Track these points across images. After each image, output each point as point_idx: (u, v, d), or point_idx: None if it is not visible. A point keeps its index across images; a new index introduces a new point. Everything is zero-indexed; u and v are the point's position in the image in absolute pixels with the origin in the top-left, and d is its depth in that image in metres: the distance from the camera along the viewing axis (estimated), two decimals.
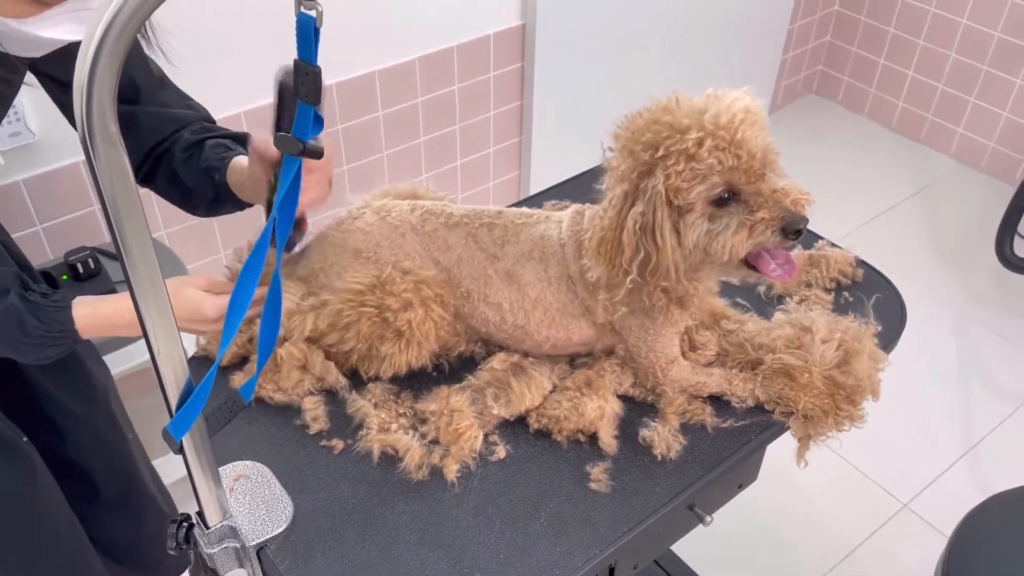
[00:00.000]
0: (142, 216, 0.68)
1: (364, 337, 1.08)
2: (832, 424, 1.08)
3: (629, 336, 1.08)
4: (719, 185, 0.94)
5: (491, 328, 1.12)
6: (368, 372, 1.12)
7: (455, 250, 1.11)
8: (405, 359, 1.10)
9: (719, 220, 0.95)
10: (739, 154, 0.92)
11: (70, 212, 1.95)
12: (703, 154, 0.92)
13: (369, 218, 1.13)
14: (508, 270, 1.09)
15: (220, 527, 0.95)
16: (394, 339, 1.08)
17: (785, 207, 0.94)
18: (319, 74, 0.74)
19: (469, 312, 1.12)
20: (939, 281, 2.76)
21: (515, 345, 1.13)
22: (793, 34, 3.30)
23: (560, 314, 1.09)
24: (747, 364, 1.12)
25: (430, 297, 1.08)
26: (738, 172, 0.93)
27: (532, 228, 1.10)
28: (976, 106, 3.12)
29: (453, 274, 1.11)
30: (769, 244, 0.96)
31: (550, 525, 0.98)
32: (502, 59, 2.43)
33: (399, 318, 1.07)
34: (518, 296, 1.09)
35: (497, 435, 1.07)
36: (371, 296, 1.07)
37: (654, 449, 1.05)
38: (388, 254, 1.11)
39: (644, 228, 0.96)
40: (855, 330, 1.14)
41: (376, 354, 1.09)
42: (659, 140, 0.94)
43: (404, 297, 1.07)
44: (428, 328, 1.08)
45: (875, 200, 3.07)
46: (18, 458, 1.23)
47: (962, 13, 3.02)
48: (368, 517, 0.99)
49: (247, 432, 1.08)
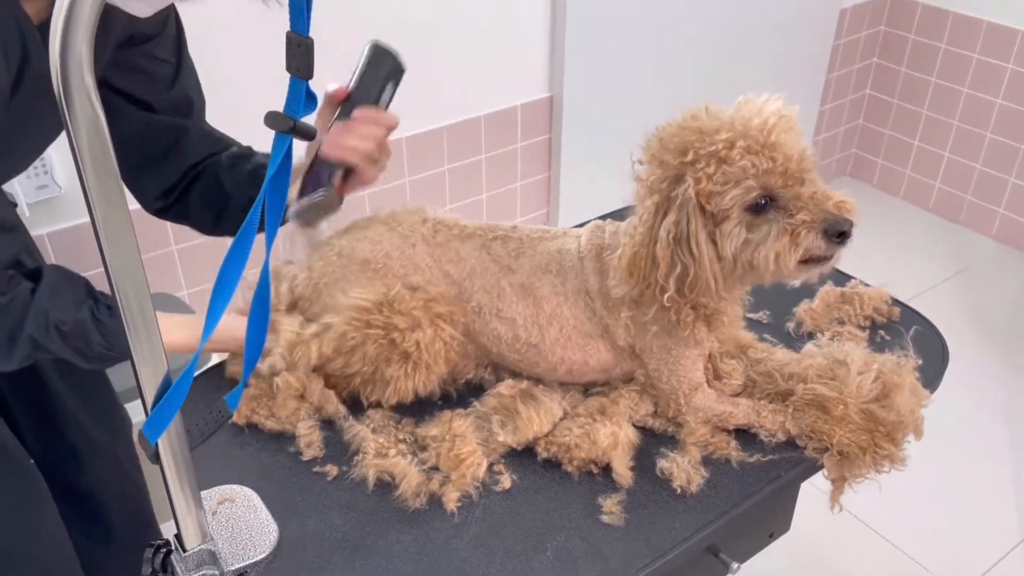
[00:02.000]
0: (115, 173, 0.64)
1: (370, 360, 1.02)
2: (870, 463, 0.99)
3: (650, 359, 1.01)
4: (754, 189, 0.88)
5: (503, 348, 1.05)
6: (371, 398, 1.05)
7: (467, 262, 1.05)
8: (412, 384, 1.03)
9: (757, 229, 0.89)
10: (774, 156, 0.87)
11: (94, 267, 1.95)
12: (734, 156, 0.87)
13: (378, 228, 1.08)
14: (523, 283, 1.03)
15: (199, 551, 0.87)
16: (400, 361, 1.02)
17: (827, 209, 0.88)
18: (312, 46, 0.72)
19: (480, 329, 1.05)
20: (986, 362, 2.64)
21: (527, 369, 1.06)
22: (824, 116, 3.30)
23: (576, 332, 1.02)
24: (776, 395, 1.04)
25: (440, 315, 1.02)
26: (774, 176, 0.88)
27: (549, 242, 1.05)
28: (1016, 186, 3.06)
29: (464, 287, 1.05)
30: (814, 249, 0.89)
31: (557, 559, 0.89)
32: (529, 130, 2.44)
33: (407, 338, 1.01)
34: (533, 311, 1.03)
35: (502, 464, 0.99)
36: (378, 315, 1.02)
37: (673, 482, 0.96)
38: (397, 266, 1.05)
39: (678, 239, 0.90)
40: (894, 363, 1.06)
41: (381, 378, 1.03)
42: (688, 144, 0.90)
43: (413, 316, 1.01)
44: (437, 349, 1.02)
45: (914, 281, 2.98)
46: (24, 480, 1.17)
47: (996, 93, 2.99)
48: (359, 546, 0.91)
49: (236, 456, 1.02)
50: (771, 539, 1.13)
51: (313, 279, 1.08)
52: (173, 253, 2.02)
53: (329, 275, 1.07)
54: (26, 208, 1.78)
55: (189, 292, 2.06)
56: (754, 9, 2.71)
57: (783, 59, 2.91)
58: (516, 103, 2.37)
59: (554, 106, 2.44)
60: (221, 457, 1.02)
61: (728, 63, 2.75)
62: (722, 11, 2.63)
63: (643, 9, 2.44)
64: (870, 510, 2.11)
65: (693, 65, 2.66)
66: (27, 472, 1.19)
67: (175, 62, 1.12)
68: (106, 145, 0.64)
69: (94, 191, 0.64)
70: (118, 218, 0.67)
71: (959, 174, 3.21)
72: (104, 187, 0.64)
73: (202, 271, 2.08)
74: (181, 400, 0.76)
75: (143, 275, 0.70)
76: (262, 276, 0.81)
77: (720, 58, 2.72)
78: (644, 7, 2.44)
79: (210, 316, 0.76)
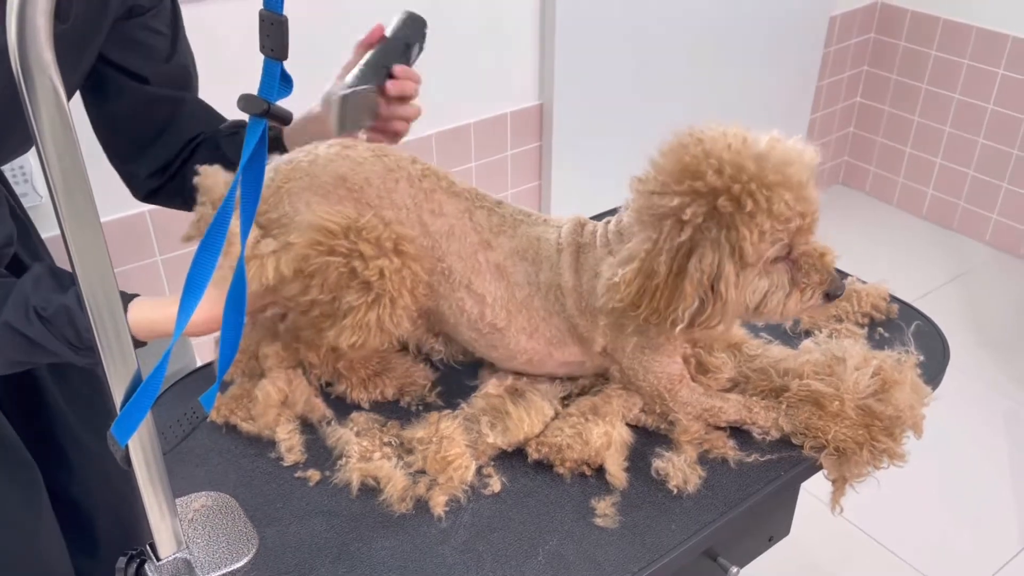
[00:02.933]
0: (77, 149, 0.61)
1: (328, 287, 0.94)
2: (868, 459, 0.95)
3: (623, 358, 0.98)
4: (785, 246, 0.88)
5: (462, 321, 1.00)
6: (334, 341, 0.96)
7: (448, 219, 0.98)
8: (375, 316, 0.94)
9: (768, 278, 0.90)
10: (804, 213, 0.86)
11: None
12: (786, 213, 0.84)
13: (363, 151, 0.99)
14: (499, 263, 0.99)
15: (173, 560, 0.84)
16: (361, 291, 0.94)
17: (831, 272, 0.91)
18: (286, 23, 0.69)
19: (445, 294, 0.99)
20: (984, 368, 2.61)
21: (482, 350, 1.02)
22: (815, 124, 3.29)
23: (545, 325, 0.98)
24: (771, 392, 1.00)
25: (409, 254, 0.95)
26: (801, 232, 0.88)
27: (530, 227, 1.00)
28: (1009, 191, 3.05)
29: (439, 246, 0.98)
30: (814, 307, 0.93)
31: (548, 564, 0.86)
32: (519, 138, 2.42)
33: (370, 266, 0.93)
34: (505, 294, 0.98)
35: (492, 467, 0.96)
36: (343, 241, 0.93)
37: (669, 482, 0.93)
38: (374, 195, 0.96)
39: (711, 279, 0.86)
40: (895, 359, 1.03)
41: (340, 309, 0.95)
42: (727, 184, 0.83)
43: (381, 246, 0.93)
44: (403, 278, 0.94)
45: (909, 288, 2.96)
46: (26, 479, 1.14)
47: (988, 99, 2.99)
48: (342, 552, 0.87)
49: (214, 462, 0.98)
50: (770, 543, 1.10)
51: (276, 181, 0.97)
52: (157, 263, 1.98)
53: (296, 182, 0.96)
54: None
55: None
56: (744, 17, 2.70)
57: (773, 67, 2.90)
58: (506, 111, 2.35)
59: (544, 114, 2.42)
60: (198, 462, 0.98)
61: (718, 71, 2.74)
62: (712, 19, 2.62)
63: (633, 17, 2.43)
64: (870, 519, 2.08)
65: (683, 73, 2.64)
66: (30, 470, 1.15)
67: (171, 34, 1.11)
68: (68, 124, 0.61)
69: (55, 172, 0.61)
70: (83, 203, 0.63)
71: (952, 180, 3.20)
72: (67, 169, 0.61)
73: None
74: (152, 399, 0.73)
75: (108, 262, 0.67)
76: (237, 269, 0.77)
77: (710, 66, 2.71)
78: (633, 15, 2.43)
79: (182, 311, 0.73)
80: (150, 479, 0.79)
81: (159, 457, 0.78)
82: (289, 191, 0.96)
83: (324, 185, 0.96)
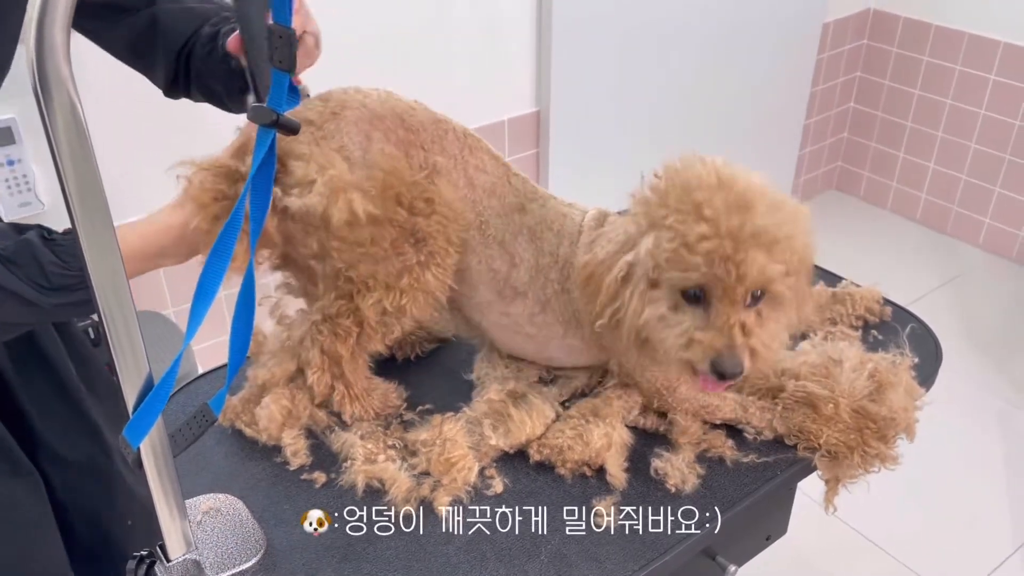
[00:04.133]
0: (92, 158, 0.63)
1: (391, 241, 0.93)
2: (859, 462, 0.97)
3: (620, 355, 1.00)
4: (692, 283, 0.83)
5: (485, 280, 1.00)
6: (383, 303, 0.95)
7: (490, 176, 1.00)
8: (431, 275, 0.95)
9: (676, 312, 0.85)
10: (731, 270, 0.81)
11: None
12: (698, 249, 0.82)
13: (411, 102, 0.99)
14: (531, 227, 0.99)
15: (183, 561, 0.85)
16: (416, 248, 0.94)
17: (730, 343, 0.82)
18: (293, 37, 0.71)
19: (476, 248, 0.99)
20: (978, 371, 2.64)
21: (493, 317, 1.02)
22: (809, 130, 3.31)
23: (556, 299, 0.99)
24: (767, 391, 1.02)
25: (450, 214, 0.94)
26: (718, 283, 0.82)
27: (558, 204, 1.01)
28: (1002, 195, 3.07)
29: (480, 199, 0.99)
30: (698, 367, 0.84)
31: (551, 563, 0.87)
32: (517, 144, 2.44)
33: (431, 221, 0.93)
34: (531, 258, 0.99)
35: (494, 468, 0.97)
36: (406, 193, 0.92)
37: (668, 481, 0.94)
38: (428, 139, 0.96)
39: (625, 280, 0.88)
40: (890, 362, 1.05)
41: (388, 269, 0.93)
42: (673, 207, 0.84)
43: (432, 202, 0.93)
44: (448, 236, 0.95)
45: (904, 292, 2.98)
46: (30, 485, 1.12)
47: (980, 104, 3.02)
48: (348, 553, 0.88)
49: (221, 466, 0.99)
50: (768, 542, 1.12)
51: (330, 107, 0.94)
52: (159, 271, 2.00)
53: (353, 111, 0.94)
54: None
55: (175, 310, 2.04)
56: (738, 24, 2.73)
57: (768, 73, 2.93)
58: (503, 118, 2.37)
59: (541, 120, 2.44)
60: (205, 467, 1.00)
61: (714, 78, 2.76)
62: (708, 27, 2.65)
63: (629, 26, 2.45)
64: (866, 519, 2.09)
65: (678, 81, 2.67)
66: (33, 478, 1.14)
67: None
68: (84, 133, 0.63)
69: (71, 178, 0.63)
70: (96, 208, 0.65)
71: (945, 185, 3.23)
72: (81, 176, 0.63)
73: (188, 289, 2.05)
74: (163, 403, 0.75)
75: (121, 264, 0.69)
76: (246, 277, 0.79)
77: (706, 73, 2.73)
78: (630, 24, 2.45)
79: (193, 317, 0.75)
80: (160, 481, 0.80)
81: (170, 460, 0.80)
82: (347, 120, 0.93)
83: (384, 120, 0.94)
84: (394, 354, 1.15)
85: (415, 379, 1.11)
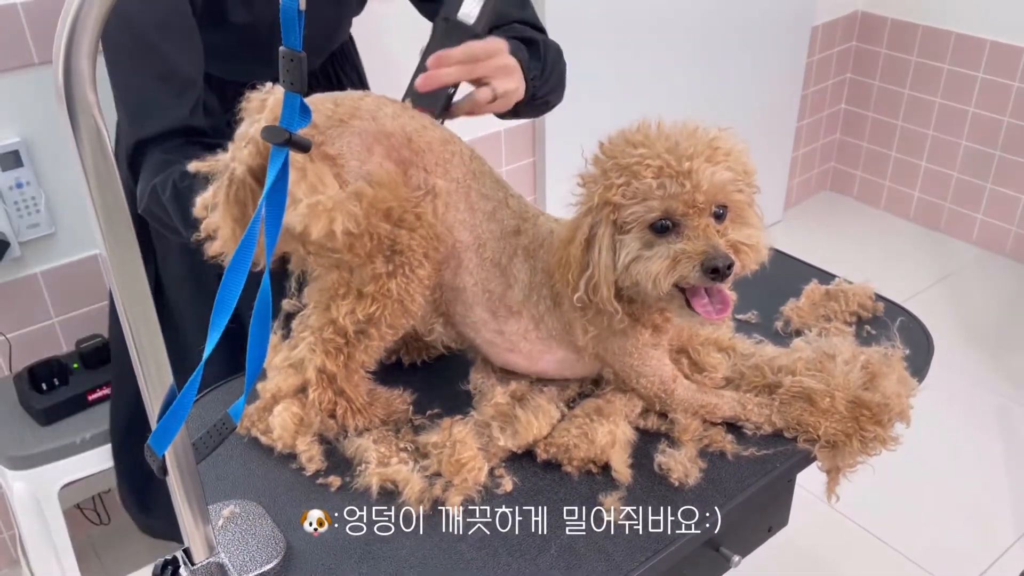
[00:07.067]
0: (117, 181, 0.67)
1: (367, 252, 0.94)
2: (859, 448, 1.01)
3: (614, 363, 1.03)
4: (656, 211, 0.89)
5: (480, 300, 1.03)
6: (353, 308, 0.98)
7: (491, 201, 1.03)
8: (395, 285, 0.96)
9: (651, 247, 0.90)
10: (684, 183, 0.88)
11: (87, 305, 1.96)
12: (645, 173, 0.89)
13: (425, 119, 1.02)
14: (526, 247, 1.03)
15: (207, 564, 0.88)
16: (387, 259, 0.95)
17: (712, 243, 0.88)
18: (304, 60, 0.74)
19: (472, 269, 1.02)
20: (975, 366, 2.67)
21: (487, 335, 1.04)
22: (802, 132, 3.36)
23: (549, 315, 1.03)
24: (764, 388, 1.05)
25: (430, 228, 0.96)
26: (679, 202, 0.88)
27: (546, 219, 1.05)
28: (994, 191, 3.12)
29: (480, 224, 1.02)
30: (691, 279, 0.89)
31: (561, 556, 0.91)
32: (514, 154, 2.48)
33: (413, 236, 0.95)
34: (527, 278, 1.02)
35: (503, 468, 1.01)
36: (398, 207, 0.93)
37: (671, 475, 0.98)
38: (432, 162, 0.98)
39: (589, 241, 0.93)
40: (882, 354, 1.08)
41: (360, 277, 0.95)
42: (616, 153, 0.93)
43: (421, 218, 0.95)
44: (426, 250, 0.97)
45: (899, 290, 3.01)
46: None
47: (969, 102, 3.06)
48: (365, 553, 0.92)
49: (239, 473, 1.03)
50: (770, 533, 1.15)
51: (339, 113, 0.95)
52: None
53: (361, 121, 0.95)
54: (17, 247, 1.79)
55: None
56: (728, 29, 2.77)
57: (760, 77, 2.98)
58: (500, 127, 2.40)
59: (537, 130, 2.48)
60: (224, 471, 1.03)
61: (707, 83, 2.81)
62: (699, 33, 2.69)
63: (622, 32, 2.50)
64: (866, 511, 2.12)
65: (672, 86, 2.71)
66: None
67: None
68: (109, 158, 0.66)
69: (97, 200, 0.66)
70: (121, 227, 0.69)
71: (937, 183, 3.27)
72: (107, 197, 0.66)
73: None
74: (187, 411, 0.78)
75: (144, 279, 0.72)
76: (262, 290, 0.83)
77: (699, 79, 2.78)
78: (623, 30, 2.49)
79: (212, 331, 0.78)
80: (184, 488, 0.83)
81: (193, 466, 0.83)
82: (352, 130, 0.94)
83: (391, 137, 0.96)
84: (401, 359, 1.19)
85: (422, 384, 1.14)
